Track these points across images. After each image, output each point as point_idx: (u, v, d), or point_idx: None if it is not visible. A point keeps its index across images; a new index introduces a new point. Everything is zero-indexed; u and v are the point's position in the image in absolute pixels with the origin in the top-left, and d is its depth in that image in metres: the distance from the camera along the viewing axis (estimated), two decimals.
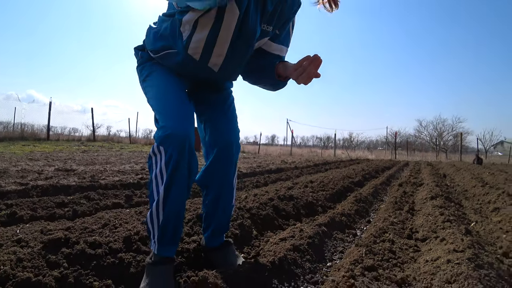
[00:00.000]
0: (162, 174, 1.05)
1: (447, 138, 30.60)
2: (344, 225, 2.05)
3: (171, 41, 1.15)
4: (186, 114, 1.12)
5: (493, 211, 2.50)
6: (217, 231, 1.32)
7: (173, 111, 1.09)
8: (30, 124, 14.26)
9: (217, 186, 1.28)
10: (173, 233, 1.10)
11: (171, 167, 1.04)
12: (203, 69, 1.18)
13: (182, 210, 1.13)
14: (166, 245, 1.10)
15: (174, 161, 1.03)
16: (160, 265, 1.08)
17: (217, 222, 1.31)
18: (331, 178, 4.08)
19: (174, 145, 1.02)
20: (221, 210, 1.29)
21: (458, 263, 1.20)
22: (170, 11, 1.18)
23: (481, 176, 5.30)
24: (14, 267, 1.02)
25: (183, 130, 1.04)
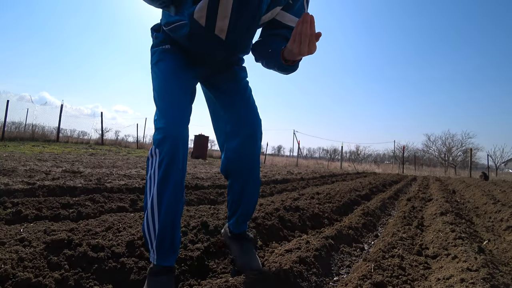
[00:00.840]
0: (155, 176, 1.05)
1: (456, 154, 30.11)
2: (351, 238, 2.00)
3: (181, 13, 1.15)
4: (182, 115, 1.12)
5: (506, 230, 2.42)
6: (241, 219, 1.35)
7: (170, 111, 1.10)
8: (41, 126, 14.50)
9: (242, 175, 1.30)
10: (171, 240, 1.06)
11: (163, 168, 1.03)
12: (211, 38, 1.16)
13: (178, 215, 1.09)
14: (165, 254, 1.05)
15: (166, 163, 1.03)
16: (160, 276, 1.04)
17: (243, 210, 1.33)
18: (338, 190, 4.02)
19: (167, 147, 1.03)
20: (245, 198, 1.32)
21: (473, 282, 1.15)
22: None
23: (492, 193, 5.17)
24: (15, 266, 1.01)
25: (177, 132, 1.06)
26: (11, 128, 13.03)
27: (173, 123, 1.07)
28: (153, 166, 1.06)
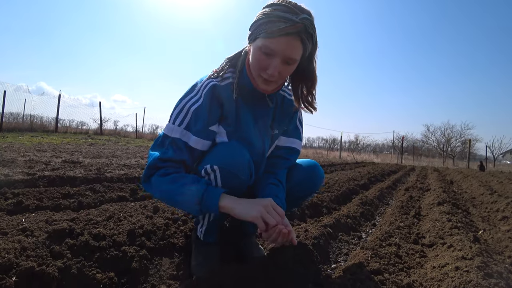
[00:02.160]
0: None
1: (455, 145, 30.17)
2: (349, 227, 2.03)
3: None
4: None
5: (501, 220, 2.45)
6: None
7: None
8: (39, 116, 14.42)
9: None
10: (218, 228, 1.32)
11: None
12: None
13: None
14: (209, 236, 1.30)
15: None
16: (206, 246, 1.30)
17: None
18: (337, 179, 4.05)
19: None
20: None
21: (467, 270, 1.17)
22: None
23: (489, 184, 5.21)
24: (18, 255, 1.02)
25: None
26: (9, 118, 12.95)
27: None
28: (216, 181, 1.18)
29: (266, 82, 1.15)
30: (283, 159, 1.38)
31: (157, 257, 1.30)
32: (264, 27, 1.05)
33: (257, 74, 1.14)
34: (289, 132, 1.40)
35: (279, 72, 1.10)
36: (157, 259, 1.28)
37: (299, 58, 1.11)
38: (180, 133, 1.15)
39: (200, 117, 1.15)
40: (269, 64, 1.09)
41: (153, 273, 1.20)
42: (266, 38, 1.05)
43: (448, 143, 29.92)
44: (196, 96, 1.18)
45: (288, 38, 1.04)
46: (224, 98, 1.19)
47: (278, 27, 1.03)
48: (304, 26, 1.04)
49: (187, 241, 1.46)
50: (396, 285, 1.14)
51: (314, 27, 1.08)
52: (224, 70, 1.23)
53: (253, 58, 1.13)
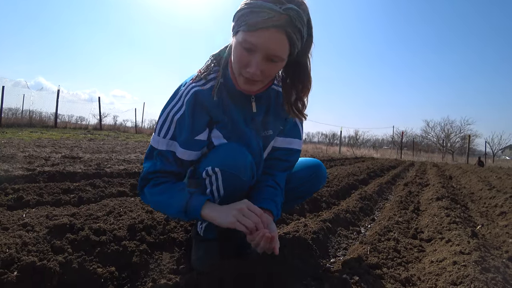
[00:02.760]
0: (219, 192, 1.13)
1: (455, 140, 30.18)
2: (348, 222, 2.04)
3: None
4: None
5: (499, 215, 2.47)
6: None
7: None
8: (38, 111, 14.43)
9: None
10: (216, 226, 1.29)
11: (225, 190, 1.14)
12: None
13: None
14: (209, 232, 1.26)
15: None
16: (205, 242, 1.26)
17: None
18: (336, 174, 4.06)
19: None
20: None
21: (465, 265, 1.18)
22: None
23: (488, 179, 5.23)
24: (19, 250, 1.03)
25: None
26: (7, 114, 12.96)
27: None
28: (215, 184, 1.15)
29: (248, 82, 1.04)
30: (281, 161, 1.30)
31: (158, 252, 1.31)
32: (245, 18, 0.94)
33: (238, 72, 1.04)
34: (286, 132, 1.30)
35: (261, 70, 1.00)
36: (158, 254, 1.29)
37: (285, 55, 1.00)
38: (166, 145, 1.13)
39: (184, 127, 1.11)
40: (250, 61, 0.98)
41: (153, 268, 1.21)
42: (247, 32, 0.95)
43: (447, 139, 29.93)
44: (178, 103, 1.12)
45: (271, 32, 0.93)
46: (209, 103, 1.12)
47: (259, 18, 0.92)
48: (290, 18, 0.92)
49: (187, 235, 1.47)
50: (394, 279, 1.15)
51: (303, 20, 0.96)
52: (209, 70, 1.14)
53: (234, 54, 1.03)
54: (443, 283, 1.11)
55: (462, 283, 1.07)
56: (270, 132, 1.25)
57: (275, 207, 1.18)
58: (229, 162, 1.09)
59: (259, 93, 1.16)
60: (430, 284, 1.15)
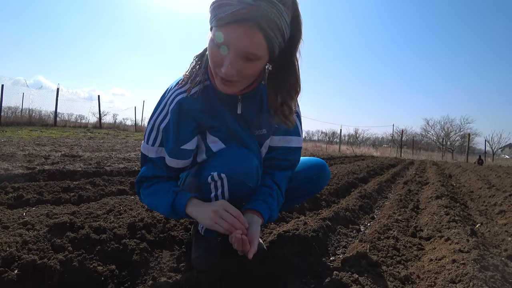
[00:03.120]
0: (224, 197, 1.10)
1: (454, 139, 30.22)
2: (348, 220, 2.04)
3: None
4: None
5: (498, 214, 2.47)
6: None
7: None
8: (37, 110, 14.41)
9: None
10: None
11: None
12: None
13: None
14: (212, 231, 1.20)
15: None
16: (206, 239, 1.26)
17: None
18: (336, 173, 4.06)
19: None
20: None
21: (464, 263, 1.19)
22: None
23: (487, 178, 5.24)
24: (19, 249, 1.03)
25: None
26: (7, 113, 12.94)
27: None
28: (220, 190, 1.13)
29: (224, 82, 0.96)
30: (279, 160, 1.24)
31: (158, 250, 1.31)
32: (215, 12, 0.86)
33: (215, 72, 0.96)
34: (283, 130, 1.21)
35: (238, 70, 0.91)
36: (158, 252, 1.30)
37: (261, 52, 0.89)
38: (155, 152, 1.13)
39: (170, 137, 1.08)
40: (223, 59, 0.90)
41: (153, 266, 1.21)
42: (217, 27, 0.87)
43: (447, 137, 29.96)
44: (163, 112, 1.09)
45: (241, 26, 0.83)
46: (195, 111, 1.07)
47: (227, 11, 0.82)
48: (261, 11, 0.81)
49: (187, 234, 1.47)
50: (393, 277, 1.16)
51: (281, 13, 0.85)
52: (194, 73, 1.06)
53: (208, 52, 0.95)
54: (442, 281, 1.12)
55: (461, 281, 1.07)
56: (264, 131, 1.18)
57: (267, 208, 1.13)
58: (236, 168, 1.06)
59: (246, 93, 1.08)
60: (429, 282, 1.15)
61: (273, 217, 1.18)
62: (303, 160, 1.41)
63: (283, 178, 1.25)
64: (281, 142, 1.24)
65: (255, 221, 1.09)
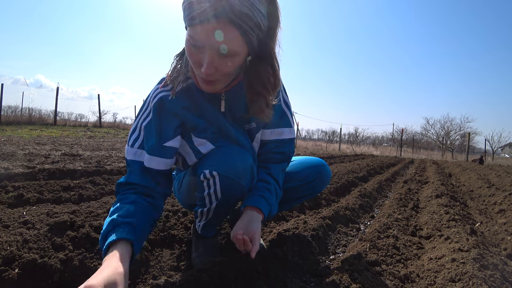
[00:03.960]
0: (217, 195, 1.08)
1: (454, 138, 30.18)
2: (348, 219, 2.05)
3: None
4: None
5: (498, 213, 2.48)
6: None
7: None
8: (37, 109, 14.43)
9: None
10: (217, 224, 1.32)
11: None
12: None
13: (228, 211, 1.27)
14: (207, 231, 1.27)
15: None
16: (204, 238, 1.27)
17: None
18: (336, 172, 4.06)
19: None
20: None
21: (463, 262, 1.19)
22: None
23: (487, 177, 5.24)
24: (20, 248, 1.03)
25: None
26: (7, 112, 12.95)
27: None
28: (213, 188, 1.12)
29: (206, 82, 0.95)
30: (273, 154, 1.22)
31: (158, 249, 1.31)
32: (187, 12, 0.84)
33: (195, 72, 0.95)
34: (274, 122, 1.18)
35: (216, 68, 0.89)
36: (158, 251, 1.30)
37: (239, 48, 0.87)
38: (133, 154, 1.06)
39: (151, 133, 1.04)
40: (201, 59, 0.89)
41: (153, 264, 1.21)
42: (189, 27, 0.86)
43: (447, 136, 29.93)
44: (146, 111, 1.07)
45: (213, 23, 0.81)
46: (179, 109, 1.05)
47: (198, 10, 0.80)
48: (232, 5, 0.79)
49: (187, 232, 1.47)
50: (393, 276, 1.16)
51: (251, 5, 0.82)
52: (175, 72, 1.05)
53: (186, 53, 0.93)
54: (442, 280, 1.12)
55: (461, 280, 1.07)
56: (253, 125, 1.15)
57: (266, 203, 1.11)
58: (228, 166, 1.04)
59: (229, 90, 1.06)
60: (429, 281, 1.15)
61: (273, 211, 1.16)
62: (303, 160, 1.39)
63: (279, 171, 1.23)
64: (273, 135, 1.21)
65: (255, 218, 1.07)
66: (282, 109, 1.21)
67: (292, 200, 1.40)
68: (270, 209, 1.13)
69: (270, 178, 1.18)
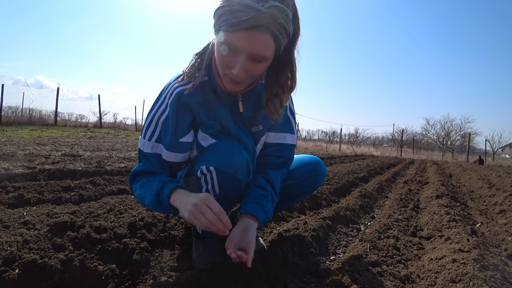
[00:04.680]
0: (215, 191, 1.11)
1: (455, 138, 30.15)
2: (348, 219, 2.04)
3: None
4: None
5: (499, 213, 2.47)
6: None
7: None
8: (38, 109, 14.45)
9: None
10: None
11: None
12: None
13: (229, 209, 1.32)
14: (207, 231, 1.24)
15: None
16: (205, 239, 1.27)
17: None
18: (336, 172, 4.06)
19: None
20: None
21: (464, 263, 1.19)
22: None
23: (487, 177, 5.24)
24: (20, 248, 1.03)
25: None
26: (7, 112, 12.97)
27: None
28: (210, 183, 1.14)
29: (233, 82, 1.01)
30: (274, 157, 1.26)
31: (158, 249, 1.31)
32: (226, 17, 0.88)
33: (223, 72, 1.01)
34: (278, 126, 1.25)
35: (246, 71, 0.96)
36: (158, 251, 1.30)
37: (270, 54, 0.95)
38: (151, 147, 1.12)
39: (169, 129, 1.09)
40: (233, 61, 0.94)
41: (154, 265, 1.21)
42: (228, 32, 0.90)
43: (447, 137, 29.91)
44: (163, 105, 1.11)
45: (253, 32, 0.88)
46: (194, 105, 1.10)
47: (240, 18, 0.85)
48: (273, 17, 0.86)
49: (188, 233, 1.47)
50: (394, 277, 1.16)
51: (288, 16, 0.89)
52: (193, 70, 1.10)
53: (216, 54, 0.99)
54: (442, 280, 1.12)
55: (461, 281, 1.07)
56: (260, 127, 1.21)
57: (261, 211, 1.14)
58: (224, 161, 1.06)
59: (245, 93, 1.12)
60: (430, 281, 1.15)
61: (268, 218, 1.19)
62: (298, 158, 1.43)
63: (278, 177, 1.26)
64: (276, 138, 1.26)
65: (251, 225, 1.09)
66: (287, 115, 1.27)
67: (289, 198, 1.42)
68: (266, 216, 1.16)
69: (267, 185, 1.21)
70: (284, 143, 1.27)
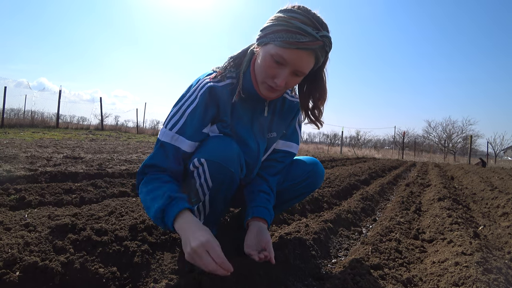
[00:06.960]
0: (208, 184, 1.16)
1: (456, 140, 30.08)
2: (350, 222, 2.04)
3: None
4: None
5: (501, 216, 2.46)
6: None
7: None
8: (40, 112, 14.51)
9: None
10: (215, 221, 1.31)
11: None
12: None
13: (226, 208, 1.33)
14: (211, 230, 1.25)
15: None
16: None
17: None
18: (337, 175, 4.05)
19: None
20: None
21: (467, 266, 1.18)
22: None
23: (490, 180, 5.21)
24: (21, 250, 1.03)
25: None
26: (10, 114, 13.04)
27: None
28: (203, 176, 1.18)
29: (271, 90, 1.13)
30: (277, 162, 1.39)
31: (159, 252, 1.31)
32: (281, 35, 1.02)
33: (262, 80, 1.12)
34: (288, 136, 1.40)
35: (286, 82, 1.09)
36: (159, 254, 1.29)
37: (308, 71, 1.10)
38: (170, 137, 1.13)
39: (195, 118, 1.14)
40: (278, 73, 1.07)
41: (155, 268, 1.21)
42: (281, 47, 1.02)
43: (449, 139, 29.84)
44: (191, 97, 1.16)
45: (304, 52, 1.02)
46: (221, 100, 1.17)
47: (297, 39, 0.99)
48: (323, 44, 1.03)
49: None
50: (396, 280, 1.15)
51: (331, 45, 1.07)
52: (226, 71, 1.20)
53: (262, 63, 1.10)
54: (445, 284, 1.11)
55: (464, 284, 1.06)
56: (274, 134, 1.33)
57: (269, 214, 1.25)
58: (215, 152, 1.11)
59: (273, 100, 1.25)
60: (432, 285, 1.14)
61: (271, 221, 1.30)
62: (296, 160, 1.48)
63: (275, 182, 1.39)
64: (284, 146, 1.40)
65: (264, 227, 1.19)
66: (296, 127, 1.42)
67: (288, 200, 1.48)
68: (271, 219, 1.27)
69: (269, 190, 1.33)
70: (289, 151, 1.41)
